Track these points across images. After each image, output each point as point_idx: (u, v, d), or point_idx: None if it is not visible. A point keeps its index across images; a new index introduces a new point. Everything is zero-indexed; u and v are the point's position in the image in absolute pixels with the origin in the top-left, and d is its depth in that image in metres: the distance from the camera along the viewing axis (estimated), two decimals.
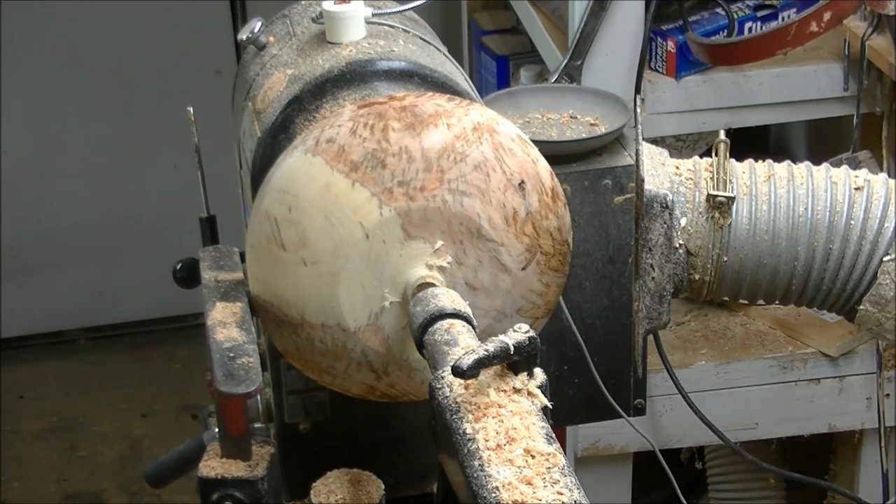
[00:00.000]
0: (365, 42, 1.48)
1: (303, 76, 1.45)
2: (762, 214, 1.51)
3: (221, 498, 1.34)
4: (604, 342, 1.77)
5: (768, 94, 2.37)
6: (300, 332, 1.33)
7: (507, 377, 1.12)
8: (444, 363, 1.15)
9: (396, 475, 1.54)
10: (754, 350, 2.32)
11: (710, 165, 1.53)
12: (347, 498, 1.40)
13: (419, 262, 1.30)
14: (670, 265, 1.52)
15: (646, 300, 1.53)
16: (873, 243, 1.49)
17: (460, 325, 1.20)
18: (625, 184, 1.70)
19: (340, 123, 1.29)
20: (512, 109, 1.78)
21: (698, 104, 2.36)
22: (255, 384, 1.31)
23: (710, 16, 2.41)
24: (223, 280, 1.38)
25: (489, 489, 1.02)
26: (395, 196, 1.28)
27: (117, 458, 3.54)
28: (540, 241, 1.34)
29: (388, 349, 1.34)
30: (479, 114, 1.31)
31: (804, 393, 2.33)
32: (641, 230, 1.50)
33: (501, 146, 1.30)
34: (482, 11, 3.31)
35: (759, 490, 2.66)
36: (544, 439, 1.06)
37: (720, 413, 2.23)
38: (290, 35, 1.58)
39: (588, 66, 2.31)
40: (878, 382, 2.31)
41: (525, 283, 1.35)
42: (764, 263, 1.52)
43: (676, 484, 2.02)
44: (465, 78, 1.54)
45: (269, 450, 1.37)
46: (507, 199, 1.31)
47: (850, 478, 2.47)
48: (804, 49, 2.27)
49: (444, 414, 1.11)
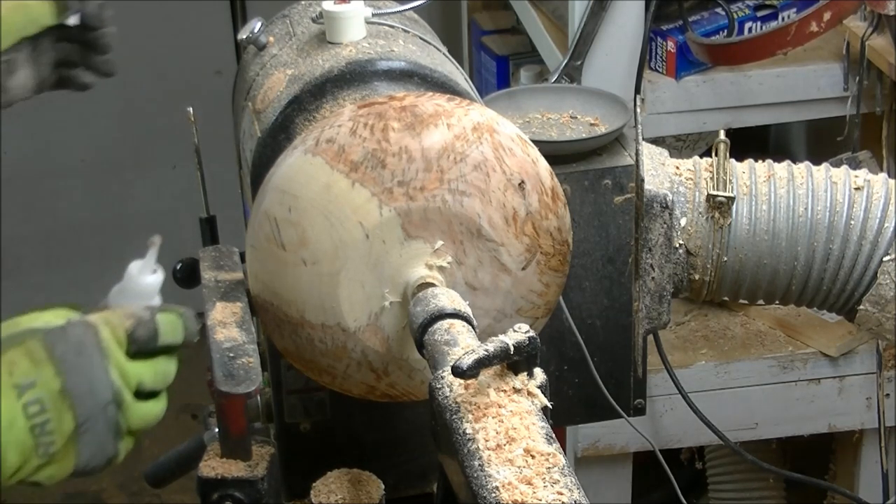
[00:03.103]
0: (365, 42, 1.48)
1: (303, 76, 1.45)
2: (762, 214, 1.51)
3: (221, 498, 1.34)
4: (604, 342, 1.77)
5: (768, 94, 2.37)
6: (300, 331, 1.33)
7: (507, 377, 1.12)
8: (444, 363, 1.15)
9: (396, 475, 1.54)
10: (754, 350, 2.32)
11: (710, 165, 1.53)
12: (347, 498, 1.40)
13: (419, 262, 1.30)
14: (670, 265, 1.52)
15: (646, 300, 1.53)
16: (873, 243, 1.49)
17: (460, 325, 1.20)
18: (625, 184, 1.70)
19: (340, 123, 1.29)
20: (512, 109, 1.78)
21: (698, 104, 2.36)
22: (255, 384, 1.31)
23: (710, 16, 2.41)
24: (223, 280, 1.38)
25: (489, 489, 1.02)
26: (395, 196, 1.28)
27: None
28: (540, 241, 1.34)
29: (388, 349, 1.34)
30: (479, 114, 1.31)
31: (804, 393, 2.33)
32: (641, 230, 1.50)
33: (501, 146, 1.30)
34: (482, 11, 3.31)
35: (759, 490, 2.66)
36: (544, 439, 1.06)
37: (720, 413, 2.23)
38: (290, 35, 1.58)
39: (588, 66, 2.31)
40: (878, 382, 2.31)
41: (525, 283, 1.35)
42: (764, 263, 1.52)
43: (676, 484, 2.02)
44: (465, 78, 1.54)
45: (269, 450, 1.37)
46: (507, 199, 1.30)
47: (850, 478, 2.47)
48: (804, 49, 2.26)
49: (444, 414, 1.11)
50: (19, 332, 1.14)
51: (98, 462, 1.16)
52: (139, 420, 1.18)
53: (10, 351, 1.12)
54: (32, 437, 1.11)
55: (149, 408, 1.19)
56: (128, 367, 1.16)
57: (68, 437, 1.13)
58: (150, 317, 1.19)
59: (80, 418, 1.12)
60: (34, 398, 1.11)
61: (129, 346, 1.17)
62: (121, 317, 1.18)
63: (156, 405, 1.20)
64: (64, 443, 1.13)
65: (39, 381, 1.11)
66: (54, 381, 1.11)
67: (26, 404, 1.10)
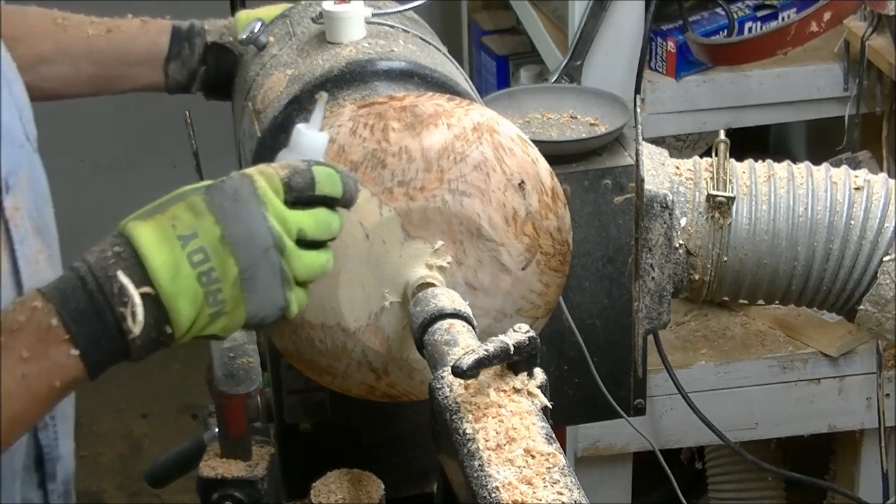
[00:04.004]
0: (365, 42, 1.48)
1: (303, 76, 1.44)
2: (762, 214, 1.51)
3: (221, 498, 1.34)
4: (604, 342, 1.77)
5: (768, 94, 2.37)
6: (300, 332, 1.33)
7: (507, 377, 1.12)
8: (444, 363, 1.15)
9: (396, 475, 1.54)
10: (754, 350, 2.32)
11: (710, 165, 1.53)
12: (347, 498, 1.40)
13: (419, 262, 1.30)
14: (670, 265, 1.52)
15: (646, 300, 1.53)
16: (873, 243, 1.49)
17: (460, 325, 1.20)
18: (625, 184, 1.70)
19: (340, 123, 1.29)
20: (512, 109, 1.78)
21: (698, 104, 2.36)
22: (255, 384, 1.32)
23: (710, 16, 2.41)
24: None
25: (489, 489, 1.02)
26: (396, 196, 1.28)
27: (117, 458, 3.54)
28: (540, 241, 1.34)
29: (388, 349, 1.34)
30: (479, 114, 1.31)
31: (804, 393, 2.33)
32: (641, 230, 1.50)
33: (501, 146, 1.30)
34: (482, 11, 3.31)
35: (759, 490, 2.66)
36: (544, 439, 1.06)
37: (720, 413, 2.23)
38: (290, 35, 1.58)
39: (588, 66, 2.31)
40: (878, 382, 2.31)
41: (525, 284, 1.35)
42: (764, 263, 1.52)
43: (676, 484, 2.02)
44: (465, 78, 1.54)
45: (269, 450, 1.38)
46: (507, 199, 1.30)
47: (850, 478, 2.47)
48: (804, 49, 2.26)
49: (444, 414, 1.11)
50: (182, 192, 1.16)
51: (269, 311, 1.15)
52: (304, 268, 1.16)
53: (172, 207, 1.14)
54: (200, 286, 1.11)
55: (313, 257, 1.17)
56: (286, 214, 1.15)
57: (234, 284, 1.13)
58: (307, 167, 1.17)
59: (242, 264, 1.12)
60: (197, 247, 1.12)
61: (286, 194, 1.16)
62: (276, 168, 1.18)
63: (320, 255, 1.18)
64: (231, 291, 1.13)
65: (200, 231, 1.12)
66: (214, 230, 1.12)
67: (190, 254, 1.11)
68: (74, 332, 1.09)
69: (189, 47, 1.67)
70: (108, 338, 1.10)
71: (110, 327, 1.10)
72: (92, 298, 1.10)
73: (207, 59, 1.68)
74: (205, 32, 1.68)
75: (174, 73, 1.67)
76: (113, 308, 1.10)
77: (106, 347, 1.10)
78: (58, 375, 1.10)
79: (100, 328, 1.10)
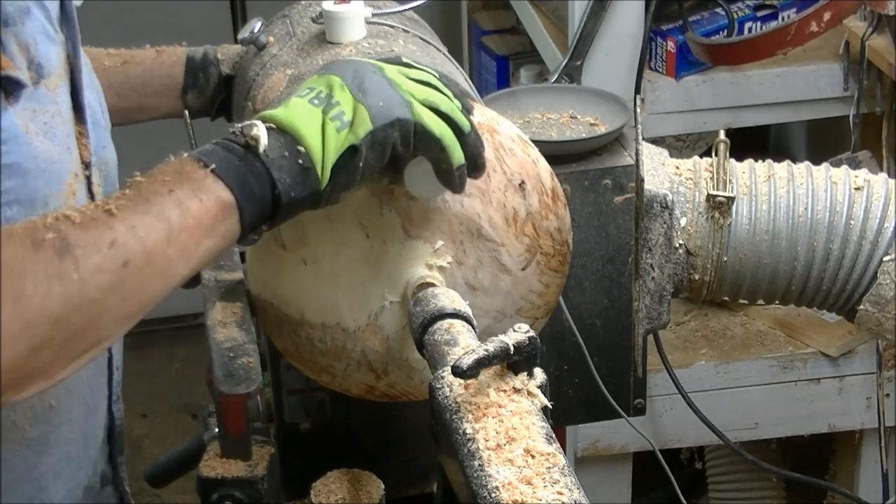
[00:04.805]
0: (365, 42, 1.48)
1: (303, 76, 1.44)
2: (762, 214, 1.51)
3: (221, 498, 1.34)
4: (604, 342, 1.77)
5: (768, 94, 2.37)
6: (300, 331, 1.33)
7: (507, 377, 1.12)
8: (444, 363, 1.15)
9: (396, 475, 1.54)
10: (754, 350, 2.32)
11: (710, 165, 1.53)
12: (347, 498, 1.40)
13: (419, 262, 1.30)
14: (670, 265, 1.52)
15: (646, 300, 1.53)
16: (873, 243, 1.49)
17: (460, 325, 1.20)
18: (625, 184, 1.70)
19: None
20: (512, 109, 1.78)
21: (698, 104, 2.36)
22: (255, 384, 1.31)
23: (710, 16, 2.41)
24: (223, 280, 1.38)
25: (489, 489, 1.02)
26: (396, 196, 1.28)
27: None
28: (540, 241, 1.34)
29: (388, 349, 1.34)
30: (479, 114, 1.31)
31: (804, 393, 2.33)
32: (641, 230, 1.50)
33: (501, 146, 1.30)
34: (482, 11, 3.31)
35: (759, 490, 2.66)
36: (544, 439, 1.06)
37: (720, 413, 2.23)
38: (290, 35, 1.58)
39: (588, 66, 2.31)
40: (878, 382, 2.31)
41: (525, 284, 1.35)
42: (764, 263, 1.52)
43: (676, 484, 2.02)
44: (466, 78, 1.54)
45: (269, 450, 1.37)
46: (508, 199, 1.30)
47: (850, 478, 2.47)
48: (804, 49, 2.27)
49: (444, 414, 1.11)
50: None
51: (395, 105, 1.18)
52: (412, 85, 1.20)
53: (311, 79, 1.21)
54: (313, 107, 1.17)
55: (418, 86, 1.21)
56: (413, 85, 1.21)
57: (342, 89, 1.17)
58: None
59: (347, 80, 1.18)
60: (310, 87, 1.19)
61: None
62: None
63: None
64: (343, 95, 1.17)
65: (318, 84, 1.19)
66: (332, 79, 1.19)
67: (302, 93, 1.18)
68: (207, 162, 1.12)
69: (204, 77, 1.70)
70: (239, 158, 1.12)
71: (236, 150, 1.13)
72: (218, 143, 1.14)
73: (223, 89, 1.71)
74: (219, 62, 1.71)
75: (192, 101, 1.71)
76: (238, 139, 1.14)
77: (240, 168, 1.12)
78: (209, 201, 1.10)
79: (230, 157, 1.12)
